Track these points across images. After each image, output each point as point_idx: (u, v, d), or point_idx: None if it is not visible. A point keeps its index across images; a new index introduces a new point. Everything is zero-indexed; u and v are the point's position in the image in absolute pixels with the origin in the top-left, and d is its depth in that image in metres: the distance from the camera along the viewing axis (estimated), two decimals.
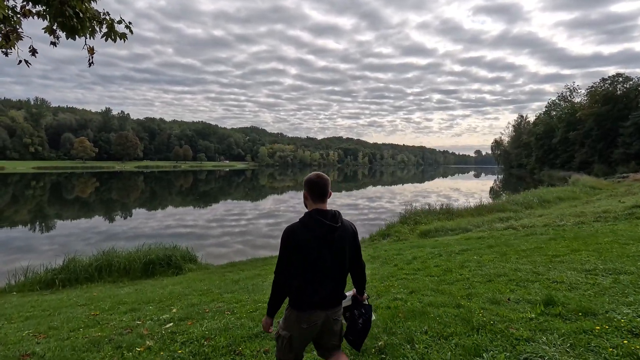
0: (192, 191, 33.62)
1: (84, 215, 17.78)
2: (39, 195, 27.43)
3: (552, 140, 64.30)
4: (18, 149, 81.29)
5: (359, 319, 2.08)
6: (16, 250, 10.14)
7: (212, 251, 10.11)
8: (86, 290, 6.34)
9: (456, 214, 14.07)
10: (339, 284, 1.93)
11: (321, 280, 1.86)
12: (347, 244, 1.92)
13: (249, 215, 17.32)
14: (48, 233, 13.19)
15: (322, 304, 1.87)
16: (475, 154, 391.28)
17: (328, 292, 1.88)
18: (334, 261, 1.87)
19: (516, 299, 3.34)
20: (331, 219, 1.86)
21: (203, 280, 6.37)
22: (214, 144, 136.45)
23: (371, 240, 11.11)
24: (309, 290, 1.84)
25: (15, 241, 11.45)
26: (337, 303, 1.95)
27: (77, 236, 12.15)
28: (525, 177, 60.96)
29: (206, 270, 7.88)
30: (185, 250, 8.48)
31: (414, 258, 6.47)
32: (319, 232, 1.82)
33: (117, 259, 7.41)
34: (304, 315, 1.85)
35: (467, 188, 37.20)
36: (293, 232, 1.83)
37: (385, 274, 5.27)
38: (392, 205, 20.60)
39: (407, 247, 8.16)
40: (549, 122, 68.99)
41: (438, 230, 10.98)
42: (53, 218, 16.77)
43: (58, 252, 9.67)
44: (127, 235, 12.44)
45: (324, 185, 1.91)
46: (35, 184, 37.20)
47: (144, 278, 7.24)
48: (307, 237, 1.82)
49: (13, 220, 15.83)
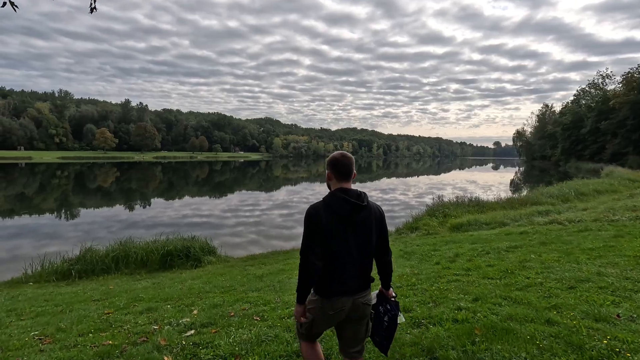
0: (207, 182, 33.73)
1: (106, 204, 17.97)
2: (64, 184, 28.09)
3: (581, 130, 60.42)
4: (44, 140, 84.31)
5: (384, 316, 1.91)
6: (45, 237, 10.38)
7: (227, 240, 10.12)
8: (102, 283, 6.02)
9: (487, 207, 13.25)
10: (365, 268, 1.82)
11: (345, 264, 1.75)
12: (374, 226, 1.80)
13: (263, 205, 17.08)
14: (73, 221, 13.45)
15: (349, 289, 1.78)
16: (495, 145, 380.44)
17: (353, 276, 1.78)
18: (359, 243, 1.77)
19: (627, 314, 2.62)
20: (356, 198, 1.75)
21: (224, 275, 5.93)
22: (229, 135, 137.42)
23: (398, 233, 10.50)
24: (333, 275, 1.75)
25: (44, 228, 11.73)
26: (364, 287, 1.83)
27: (100, 224, 12.35)
28: (549, 169, 58.54)
29: (226, 263, 7.49)
30: (204, 241, 8.02)
31: (457, 255, 5.79)
32: (343, 212, 1.71)
33: (134, 249, 7.07)
34: (329, 302, 1.76)
35: (484, 180, 35.76)
36: (316, 212, 1.71)
37: (431, 274, 4.63)
38: (405, 198, 20.18)
39: (442, 242, 7.55)
40: (578, 111, 64.82)
41: (471, 224, 10.31)
42: (77, 206, 17.05)
43: (83, 238, 10.11)
44: (147, 223, 12.50)
45: (349, 164, 1.80)
46: (60, 173, 38.27)
47: (162, 270, 6.92)
48: (330, 217, 1.71)
49: (41, 208, 16.15)
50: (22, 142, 79.16)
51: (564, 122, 66.54)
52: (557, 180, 26.10)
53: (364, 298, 1.82)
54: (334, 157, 1.82)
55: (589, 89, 68.28)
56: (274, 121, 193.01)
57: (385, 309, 1.91)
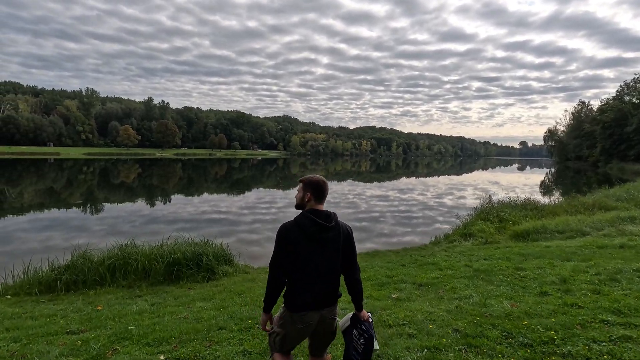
0: (226, 179, 34.14)
1: (129, 200, 18.56)
2: (89, 179, 29.24)
3: (625, 128, 55.83)
4: (72, 136, 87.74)
5: (359, 338, 1.90)
6: (74, 229, 10.72)
7: (243, 237, 10.12)
8: (92, 299, 4.85)
9: (547, 211, 11.63)
10: (332, 284, 1.91)
11: (314, 280, 1.85)
12: (341, 245, 1.91)
13: (280, 203, 17.12)
14: (98, 215, 13.85)
15: (315, 304, 1.86)
16: (520, 145, 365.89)
17: (321, 291, 1.87)
18: (326, 261, 1.87)
19: None
20: (324, 219, 1.87)
21: (242, 295, 4.68)
22: (247, 132, 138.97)
23: (449, 241, 9.09)
24: (301, 290, 1.85)
25: (72, 221, 12.19)
26: (331, 302, 1.92)
27: (124, 218, 12.59)
28: (585, 170, 53.93)
29: (245, 275, 6.27)
30: (219, 247, 6.78)
31: (563, 280, 4.30)
32: (311, 231, 1.83)
33: (134, 256, 5.92)
34: (298, 316, 1.85)
35: (507, 182, 34.17)
36: (286, 230, 1.85)
37: (550, 314, 3.16)
38: (424, 198, 19.39)
39: (516, 256, 6.19)
40: (622, 107, 59.43)
41: (539, 232, 8.79)
42: (102, 201, 17.66)
43: (108, 232, 10.17)
44: (167, 219, 12.70)
45: (326, 189, 1.98)
46: (86, 169, 39.84)
47: (167, 283, 5.73)
48: (299, 236, 1.83)
49: (68, 202, 16.76)
50: (51, 138, 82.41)
51: (604, 120, 61.44)
52: (597, 183, 23.79)
53: (331, 313, 1.92)
54: (317, 181, 1.94)
55: (635, 84, 62.62)
56: (292, 119, 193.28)
57: (360, 331, 1.91)
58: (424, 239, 10.20)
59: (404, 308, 3.71)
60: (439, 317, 3.39)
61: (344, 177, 39.24)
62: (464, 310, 3.52)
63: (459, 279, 4.88)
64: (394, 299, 4.11)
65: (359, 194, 21.23)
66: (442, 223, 12.50)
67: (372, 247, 9.37)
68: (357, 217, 13.15)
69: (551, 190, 27.23)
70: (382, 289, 4.65)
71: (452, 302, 3.82)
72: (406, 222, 12.64)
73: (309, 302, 1.85)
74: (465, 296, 4.04)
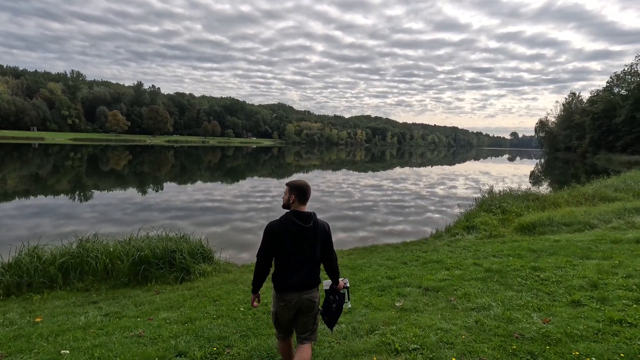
0: (220, 167, 33.50)
1: (119, 187, 17.95)
2: (77, 166, 28.31)
3: (613, 120, 55.93)
4: (57, 121, 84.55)
5: (332, 303, 2.46)
6: (63, 217, 10.36)
7: (237, 225, 10.00)
8: (34, 307, 4.07)
9: (549, 201, 11.20)
10: (310, 272, 2.27)
11: (293, 268, 2.23)
12: (318, 241, 2.27)
13: (274, 192, 16.84)
14: (88, 202, 13.34)
15: (294, 287, 2.24)
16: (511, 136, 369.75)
17: (299, 278, 2.24)
18: (304, 253, 2.24)
19: None
20: (304, 220, 2.21)
21: (218, 302, 3.95)
22: (241, 120, 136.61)
23: (451, 234, 8.55)
24: (284, 276, 2.24)
25: (61, 208, 11.74)
26: (308, 287, 2.28)
27: (115, 206, 12.21)
28: (574, 160, 54.50)
29: (225, 275, 5.43)
30: (198, 242, 5.90)
31: (593, 285, 3.79)
32: (292, 229, 2.19)
33: (94, 253, 5.03)
34: (281, 295, 2.27)
35: (497, 172, 34.46)
36: (272, 228, 2.22)
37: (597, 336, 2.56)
38: (416, 188, 19.40)
39: (527, 251, 5.71)
40: (611, 99, 59.44)
41: (544, 224, 8.37)
42: (92, 188, 17.06)
43: (99, 220, 9.90)
44: (160, 207, 12.36)
45: (308, 192, 2.31)
46: (74, 155, 38.60)
47: (132, 285, 4.88)
48: (283, 232, 2.20)
49: (56, 189, 16.20)
50: (35, 122, 79.27)
51: (594, 111, 61.66)
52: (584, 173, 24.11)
53: (309, 295, 2.27)
54: (299, 185, 2.28)
55: (624, 75, 62.41)
56: (287, 107, 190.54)
57: (334, 298, 2.47)
58: (415, 228, 10.18)
59: (411, 323, 3.10)
60: (457, 337, 2.76)
61: (339, 166, 38.84)
62: (487, 328, 2.90)
63: (470, 282, 4.35)
64: (398, 309, 3.55)
65: (353, 184, 21.02)
66: (433, 212, 12.76)
67: (365, 236, 9.25)
68: (350, 206, 12.80)
69: (540, 181, 27.39)
70: (383, 294, 4.10)
71: (469, 315, 3.22)
72: (399, 212, 12.60)
73: (290, 285, 2.24)
74: (483, 306, 3.42)
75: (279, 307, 2.29)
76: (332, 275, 2.45)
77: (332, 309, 2.47)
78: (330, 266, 2.41)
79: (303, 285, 2.27)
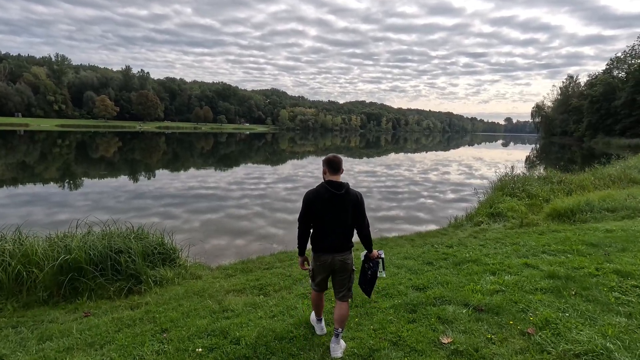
0: (213, 154, 33.18)
1: (110, 175, 17.75)
2: (65, 153, 27.76)
3: (612, 103, 55.74)
4: (42, 107, 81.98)
5: (368, 270, 2.74)
6: (55, 205, 10.30)
7: (232, 212, 10.07)
8: None
9: (575, 184, 10.49)
10: (342, 236, 2.59)
11: (327, 232, 2.56)
12: (350, 208, 2.54)
13: (268, 179, 16.85)
14: (79, 190, 13.23)
15: (328, 249, 2.58)
16: (505, 121, 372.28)
17: (332, 241, 2.57)
18: (337, 219, 2.54)
19: None
20: (336, 188, 2.51)
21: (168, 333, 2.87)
22: (234, 105, 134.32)
23: (474, 223, 7.63)
24: (320, 238, 2.59)
25: (53, 196, 11.63)
26: (340, 249, 2.59)
27: (108, 194, 12.13)
28: (570, 145, 54.49)
29: (192, 282, 4.20)
30: (159, 240, 4.67)
31: None
32: (325, 197, 2.51)
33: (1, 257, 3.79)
34: (317, 256, 2.63)
35: (490, 157, 34.91)
36: (309, 195, 2.57)
37: None
38: (410, 174, 19.68)
39: (581, 245, 4.91)
40: (610, 82, 59.10)
41: (583, 210, 7.40)
42: (82, 176, 16.84)
43: (92, 207, 9.87)
44: (154, 194, 12.31)
45: (338, 163, 2.60)
46: (61, 142, 37.72)
47: (54, 302, 3.68)
48: (318, 200, 2.52)
49: (45, 178, 15.92)
50: (19, 108, 76.79)
51: (592, 94, 60.98)
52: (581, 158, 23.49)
53: (342, 256, 2.59)
54: (329, 158, 2.61)
55: (624, 58, 61.84)
56: (281, 93, 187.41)
57: (368, 266, 2.74)
58: (408, 212, 10.49)
59: None
60: None
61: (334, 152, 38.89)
62: None
63: (536, 295, 3.17)
64: (447, 350, 2.40)
65: (348, 170, 21.18)
66: (426, 198, 12.92)
67: None
68: None
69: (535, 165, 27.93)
70: (415, 318, 2.93)
71: None
72: (392, 197, 12.78)
73: (324, 247, 2.58)
74: (590, 350, 2.25)
75: (315, 266, 2.65)
76: (365, 243, 2.71)
77: (367, 277, 2.73)
78: (362, 233, 2.66)
79: (335, 248, 2.57)
